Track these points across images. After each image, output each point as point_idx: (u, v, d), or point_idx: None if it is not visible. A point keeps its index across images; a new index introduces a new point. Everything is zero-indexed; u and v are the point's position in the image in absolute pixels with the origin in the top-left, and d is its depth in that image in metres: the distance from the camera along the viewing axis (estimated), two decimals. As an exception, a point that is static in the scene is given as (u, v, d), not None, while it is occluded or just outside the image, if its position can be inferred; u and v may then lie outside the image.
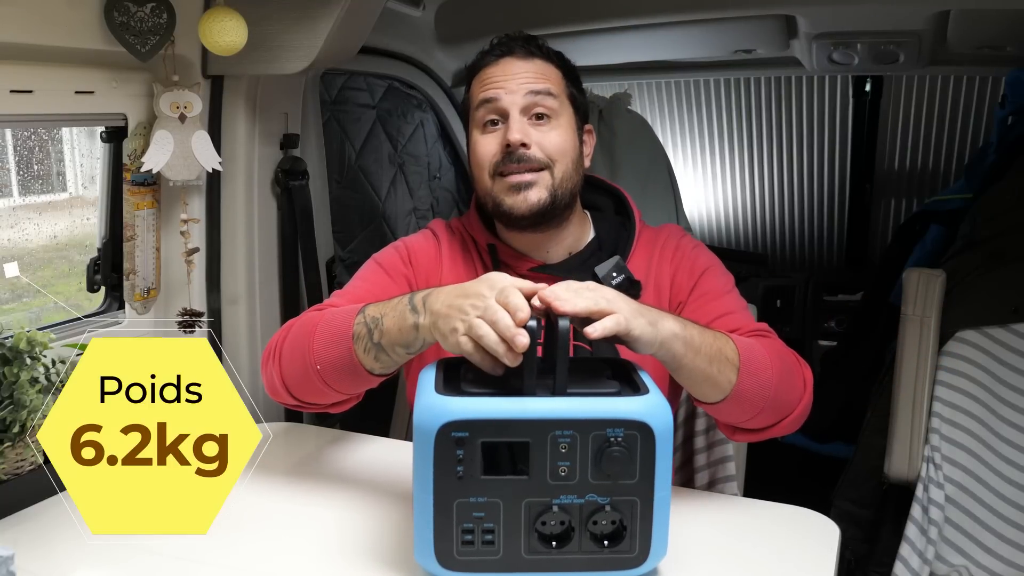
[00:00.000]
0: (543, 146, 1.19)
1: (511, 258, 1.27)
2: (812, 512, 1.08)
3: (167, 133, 1.37)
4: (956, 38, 2.06)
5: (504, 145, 1.18)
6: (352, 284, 1.25)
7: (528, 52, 1.23)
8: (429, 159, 2.54)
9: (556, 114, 1.21)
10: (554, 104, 1.21)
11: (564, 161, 1.21)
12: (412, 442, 0.86)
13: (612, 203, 1.36)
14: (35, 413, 1.08)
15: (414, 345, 0.98)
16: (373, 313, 1.02)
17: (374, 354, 1.01)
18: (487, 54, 1.25)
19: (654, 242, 1.30)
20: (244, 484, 1.19)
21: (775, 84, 2.80)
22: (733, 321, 1.17)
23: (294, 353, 1.09)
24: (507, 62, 1.22)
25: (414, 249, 1.29)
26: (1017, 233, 1.72)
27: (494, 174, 1.20)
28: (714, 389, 1.01)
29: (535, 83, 1.20)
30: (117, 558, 0.97)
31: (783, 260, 3.22)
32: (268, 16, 1.37)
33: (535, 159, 1.18)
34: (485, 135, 1.22)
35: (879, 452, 1.68)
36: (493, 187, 1.21)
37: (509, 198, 1.19)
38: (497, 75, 1.21)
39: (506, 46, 1.23)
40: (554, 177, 1.19)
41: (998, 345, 1.64)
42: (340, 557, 0.98)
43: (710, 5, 2.04)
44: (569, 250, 1.28)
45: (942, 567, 1.55)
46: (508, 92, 1.19)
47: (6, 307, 1.53)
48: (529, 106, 1.19)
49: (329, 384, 1.07)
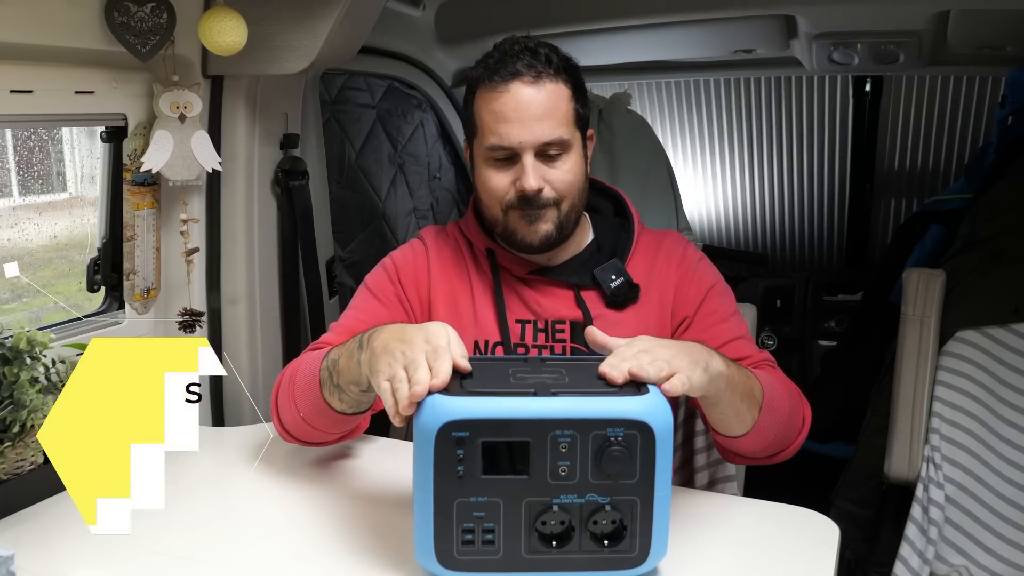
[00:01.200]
0: (555, 185, 1.17)
1: (510, 262, 1.26)
2: (812, 512, 1.08)
3: (167, 133, 1.37)
4: (956, 38, 2.06)
5: (517, 187, 1.17)
6: (346, 315, 1.27)
7: (536, 75, 1.15)
8: (429, 159, 2.54)
9: (567, 147, 1.18)
10: (566, 143, 1.18)
11: (572, 194, 1.20)
12: (412, 442, 0.86)
13: (611, 205, 1.36)
14: (35, 413, 1.08)
15: (363, 382, 0.99)
16: (333, 356, 1.06)
17: (337, 395, 1.06)
18: (493, 73, 1.17)
19: (656, 247, 1.29)
20: (244, 484, 1.19)
21: (775, 84, 2.80)
22: (741, 348, 1.20)
23: (285, 401, 1.15)
24: (516, 90, 1.15)
25: (400, 264, 1.29)
26: (1017, 233, 1.72)
27: (507, 209, 1.19)
28: (740, 425, 1.05)
29: (548, 130, 1.15)
30: (117, 558, 0.97)
31: (783, 260, 3.22)
32: (268, 16, 1.37)
33: (548, 200, 1.17)
34: (496, 172, 1.19)
35: (879, 452, 1.68)
36: (505, 218, 1.20)
37: (522, 230, 1.19)
38: (506, 110, 1.15)
39: (512, 67, 1.15)
40: (561, 211, 1.19)
41: (998, 345, 1.64)
42: (340, 557, 0.98)
43: (710, 5, 2.04)
44: (568, 253, 1.28)
45: (942, 567, 1.55)
46: (519, 135, 1.15)
47: (6, 307, 1.53)
48: (542, 149, 1.17)
49: (315, 427, 1.13)
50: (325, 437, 1.17)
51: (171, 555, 0.97)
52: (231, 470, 1.27)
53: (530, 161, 1.16)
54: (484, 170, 1.20)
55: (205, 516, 1.08)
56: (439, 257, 1.30)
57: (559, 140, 1.16)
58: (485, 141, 1.18)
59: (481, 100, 1.19)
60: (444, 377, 0.85)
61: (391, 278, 1.28)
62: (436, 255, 1.30)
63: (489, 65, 1.18)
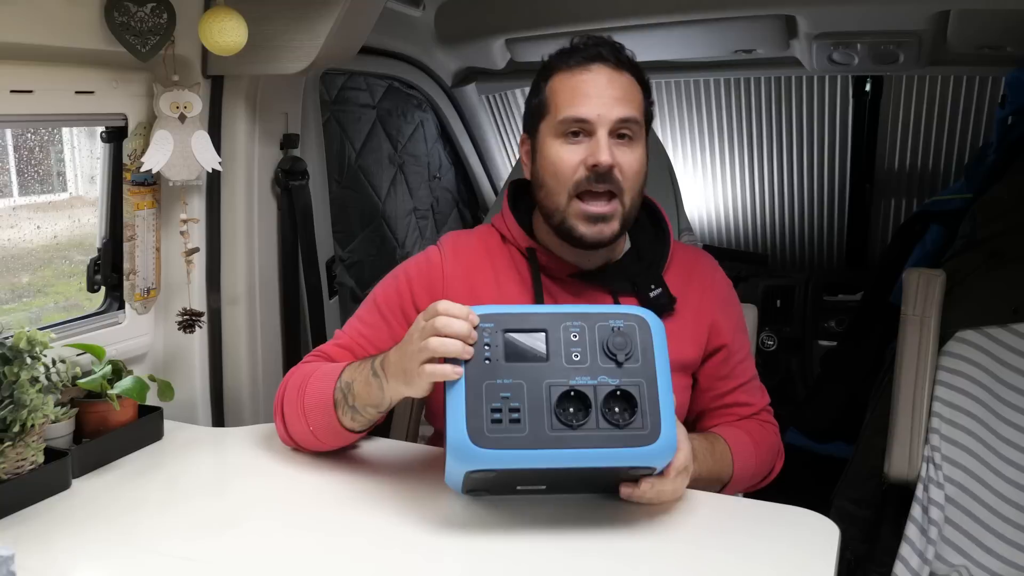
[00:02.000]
0: (624, 169, 1.17)
1: (551, 263, 1.25)
2: (812, 512, 1.08)
3: (167, 133, 1.37)
4: (956, 38, 2.05)
5: (588, 163, 1.16)
6: (351, 324, 1.29)
7: (619, 63, 1.19)
8: (429, 159, 2.54)
9: (638, 136, 1.19)
10: (638, 128, 1.19)
11: (637, 186, 1.20)
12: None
13: (646, 213, 1.34)
14: (35, 413, 1.08)
15: (383, 404, 1.10)
16: (346, 378, 1.13)
17: (351, 415, 1.13)
18: (575, 53, 1.19)
19: (691, 265, 1.32)
20: (244, 484, 1.20)
21: (775, 84, 2.80)
22: (752, 393, 1.33)
23: (295, 415, 1.19)
24: (598, 71, 1.18)
25: (412, 274, 1.29)
26: (1017, 233, 1.72)
27: (573, 194, 1.17)
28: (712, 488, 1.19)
29: (626, 109, 1.17)
30: (117, 558, 0.97)
31: (783, 260, 3.22)
32: (268, 16, 1.37)
33: (617, 182, 1.16)
34: (567, 146, 1.18)
35: (879, 452, 1.68)
36: (568, 207, 1.18)
37: (584, 226, 1.18)
38: (588, 87, 1.17)
39: (595, 50, 1.19)
40: (624, 205, 1.18)
41: (998, 345, 1.64)
42: (341, 557, 0.98)
43: (710, 5, 2.04)
44: (605, 258, 1.26)
45: (942, 567, 1.55)
46: (599, 111, 1.15)
47: (6, 307, 1.53)
48: (616, 127, 1.17)
49: (324, 442, 1.20)
50: (327, 448, 1.22)
51: (171, 555, 0.97)
52: (231, 470, 1.28)
53: (604, 135, 1.15)
54: (554, 147, 1.18)
55: (205, 516, 1.08)
56: (457, 263, 1.28)
57: (635, 119, 1.17)
58: (560, 114, 1.17)
59: (558, 81, 1.20)
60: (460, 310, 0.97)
61: (400, 291, 1.27)
62: (454, 261, 1.28)
63: (568, 52, 1.21)
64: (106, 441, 1.23)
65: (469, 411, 0.94)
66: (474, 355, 0.96)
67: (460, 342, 0.96)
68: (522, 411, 0.95)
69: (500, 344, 0.97)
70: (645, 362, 0.98)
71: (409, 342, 1.02)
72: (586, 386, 0.96)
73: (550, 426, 0.94)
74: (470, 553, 0.98)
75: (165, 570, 0.95)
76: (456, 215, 2.73)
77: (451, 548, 0.99)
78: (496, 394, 0.95)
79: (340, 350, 1.26)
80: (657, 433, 0.95)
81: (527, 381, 0.96)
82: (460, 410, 0.94)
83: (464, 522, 1.05)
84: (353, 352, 1.25)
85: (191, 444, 1.33)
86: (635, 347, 0.98)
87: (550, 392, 0.96)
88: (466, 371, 0.96)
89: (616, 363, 0.97)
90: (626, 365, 0.97)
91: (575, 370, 0.97)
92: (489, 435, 0.93)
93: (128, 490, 1.15)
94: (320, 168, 1.79)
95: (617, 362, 0.97)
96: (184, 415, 1.49)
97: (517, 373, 0.96)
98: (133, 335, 1.47)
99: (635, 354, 0.98)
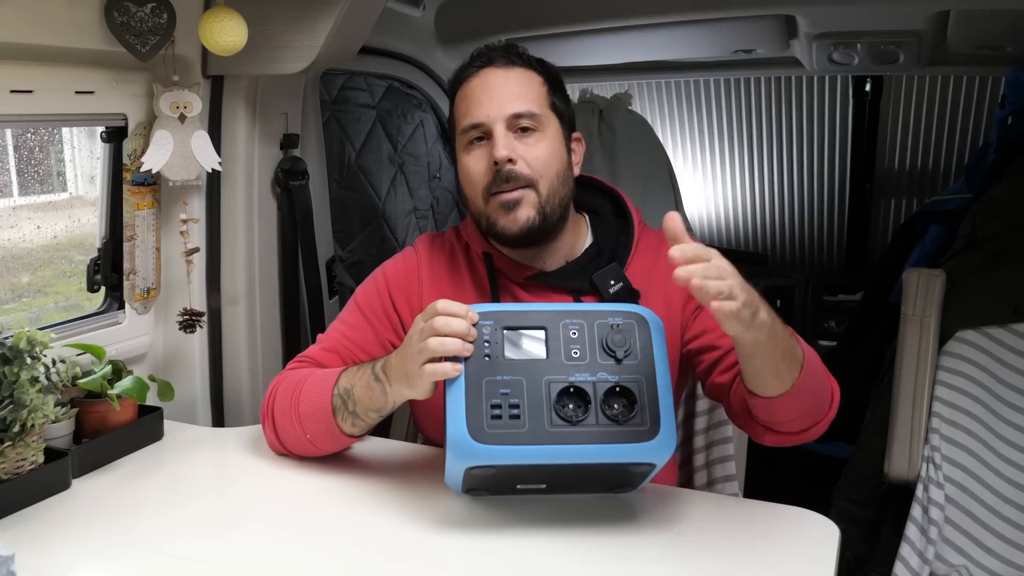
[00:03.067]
0: (528, 160, 1.16)
1: (507, 267, 1.25)
2: (812, 512, 1.08)
3: (167, 133, 1.37)
4: (956, 38, 2.05)
5: (492, 163, 1.17)
6: (334, 327, 1.29)
7: (508, 61, 1.21)
8: (429, 159, 2.54)
9: (542, 126, 1.18)
10: (541, 119, 1.19)
11: (549, 175, 1.18)
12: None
13: (610, 205, 1.34)
14: (35, 413, 1.08)
15: (385, 408, 1.10)
16: (345, 384, 1.13)
17: (351, 420, 1.13)
18: (467, 67, 1.23)
19: (658, 248, 1.27)
20: (244, 484, 1.20)
21: (775, 84, 2.80)
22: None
23: (285, 423, 1.19)
24: (488, 73, 1.20)
25: (391, 275, 1.29)
26: (1017, 233, 1.72)
27: (486, 195, 1.19)
28: (778, 382, 1.02)
29: (519, 104, 1.17)
30: (117, 558, 0.97)
31: (783, 260, 3.22)
32: (268, 16, 1.37)
33: (522, 175, 1.16)
34: (471, 153, 1.20)
35: (879, 452, 1.68)
36: (486, 208, 1.19)
37: (502, 218, 1.18)
38: (478, 92, 1.19)
39: (485, 56, 1.22)
40: (539, 194, 1.17)
41: (998, 345, 1.64)
42: (341, 557, 0.98)
43: (710, 5, 2.04)
44: (566, 257, 1.26)
45: (942, 567, 1.55)
46: (489, 111, 1.17)
47: (6, 307, 1.53)
48: (512, 123, 1.17)
49: (320, 448, 1.19)
50: (323, 454, 1.21)
51: (171, 555, 0.97)
52: (231, 470, 1.27)
53: (500, 130, 1.16)
54: (463, 158, 1.21)
55: (205, 516, 1.08)
56: (432, 265, 1.29)
57: (529, 113, 1.17)
58: (460, 125, 1.21)
59: (458, 96, 1.23)
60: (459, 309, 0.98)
61: (380, 292, 1.28)
62: (429, 263, 1.29)
63: (463, 64, 1.24)
64: (106, 441, 1.23)
65: (469, 408, 0.95)
66: (473, 352, 0.97)
67: (459, 340, 0.97)
68: (522, 407, 0.95)
69: (500, 341, 0.98)
70: (644, 359, 0.98)
71: (409, 345, 1.02)
72: (585, 382, 0.97)
73: (550, 422, 0.95)
74: (470, 553, 0.98)
75: (165, 570, 0.95)
76: (456, 215, 2.73)
77: (451, 548, 0.99)
78: (496, 390, 0.95)
79: (325, 353, 1.25)
80: (656, 429, 0.95)
81: (526, 378, 0.96)
82: (460, 407, 0.95)
83: (464, 522, 1.05)
84: (339, 354, 1.24)
85: (191, 444, 1.33)
86: (634, 344, 0.99)
87: (549, 388, 0.96)
88: (466, 368, 0.96)
89: (615, 360, 0.98)
90: (625, 362, 0.98)
91: (574, 367, 0.97)
92: (489, 431, 0.94)
93: (128, 490, 1.15)
94: (320, 168, 1.79)
95: (616, 359, 0.98)
96: (184, 415, 1.49)
97: (516, 370, 0.97)
98: (133, 335, 1.47)
99: (634, 351, 0.99)
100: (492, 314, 0.99)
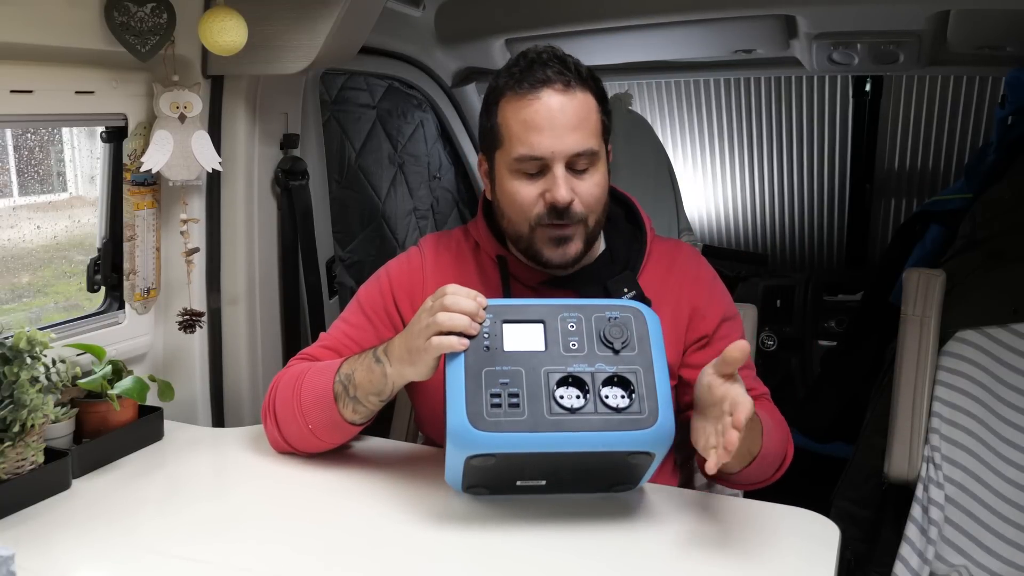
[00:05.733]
0: (584, 199, 1.14)
1: (521, 271, 1.25)
2: (812, 512, 1.08)
3: (167, 133, 1.37)
4: (956, 38, 2.05)
5: (549, 203, 1.13)
6: (335, 326, 1.30)
7: (567, 83, 1.13)
8: (429, 159, 2.54)
9: (596, 160, 1.16)
10: (596, 156, 1.16)
11: (599, 209, 1.18)
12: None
13: (622, 211, 1.33)
14: (35, 413, 1.08)
15: (385, 391, 1.10)
16: (346, 370, 1.13)
17: (352, 407, 1.13)
18: (521, 80, 1.13)
19: (671, 259, 1.28)
20: (244, 484, 1.20)
21: (775, 84, 2.80)
22: (750, 380, 1.22)
23: (287, 415, 1.19)
24: (548, 97, 1.12)
25: (394, 275, 1.29)
26: (1017, 233, 1.72)
27: (535, 224, 1.16)
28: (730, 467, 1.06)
29: (580, 140, 1.12)
30: (117, 558, 0.97)
31: (783, 260, 3.22)
32: (268, 16, 1.37)
33: (576, 214, 1.14)
34: (522, 181, 1.15)
35: (879, 452, 1.68)
36: (531, 235, 1.17)
37: (548, 250, 1.16)
38: (538, 120, 1.12)
39: (541, 74, 1.12)
40: (588, 226, 1.17)
41: (998, 345, 1.64)
42: (341, 556, 0.98)
43: (710, 5, 2.04)
44: (580, 263, 1.24)
45: (942, 567, 1.55)
46: (551, 145, 1.11)
47: (6, 307, 1.53)
48: (572, 161, 1.14)
49: (322, 439, 1.19)
50: (326, 447, 1.21)
51: (171, 555, 0.97)
52: (231, 470, 1.28)
53: (561, 172, 1.12)
54: (511, 182, 1.16)
55: (205, 516, 1.08)
56: (438, 264, 1.28)
57: (590, 151, 1.14)
58: (513, 152, 1.14)
59: (508, 109, 1.15)
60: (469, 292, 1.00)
61: (383, 292, 1.28)
62: (434, 262, 1.28)
63: (515, 74, 1.14)
64: (106, 441, 1.23)
65: (469, 397, 0.96)
66: (473, 344, 0.98)
67: (467, 317, 0.98)
68: (521, 397, 0.96)
69: (499, 333, 1.00)
70: (642, 350, 1.00)
71: (416, 322, 1.03)
72: (584, 372, 0.98)
73: (549, 411, 0.96)
74: (470, 552, 0.98)
75: (165, 570, 0.95)
76: (456, 215, 2.73)
77: (451, 547, 0.99)
78: (495, 380, 0.97)
79: (326, 351, 1.26)
80: (655, 417, 0.96)
81: (525, 368, 0.98)
82: (460, 396, 0.96)
83: (464, 521, 1.05)
84: (339, 352, 1.24)
85: (191, 444, 1.33)
86: (631, 336, 1.00)
87: (548, 378, 0.97)
88: (465, 359, 0.98)
89: (613, 351, 0.99)
90: (623, 353, 0.99)
91: (572, 358, 0.99)
92: (488, 419, 0.95)
93: (128, 490, 1.15)
94: (320, 168, 1.79)
95: (614, 350, 0.99)
96: (184, 415, 1.49)
97: (516, 361, 0.98)
98: (133, 335, 1.47)
99: (631, 342, 1.00)
100: (491, 307, 1.01)
